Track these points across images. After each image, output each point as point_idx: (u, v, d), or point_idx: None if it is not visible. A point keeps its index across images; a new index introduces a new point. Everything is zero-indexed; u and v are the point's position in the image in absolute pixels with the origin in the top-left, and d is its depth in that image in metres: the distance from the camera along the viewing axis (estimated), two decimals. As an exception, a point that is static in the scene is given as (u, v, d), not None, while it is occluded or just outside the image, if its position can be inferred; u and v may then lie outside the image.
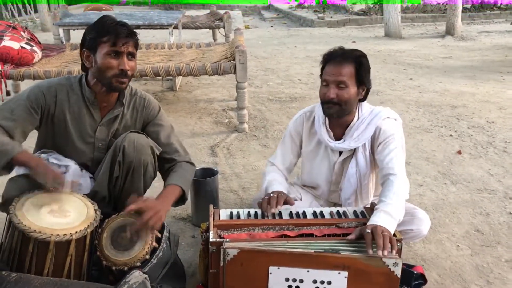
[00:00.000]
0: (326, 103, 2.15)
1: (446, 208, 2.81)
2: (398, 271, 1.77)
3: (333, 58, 2.16)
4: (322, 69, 2.23)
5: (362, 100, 2.24)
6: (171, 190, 2.08)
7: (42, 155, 2.10)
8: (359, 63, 2.14)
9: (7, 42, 4.02)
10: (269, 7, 14.00)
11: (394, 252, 1.76)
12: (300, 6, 12.78)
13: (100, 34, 1.99)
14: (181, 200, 2.18)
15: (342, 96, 2.12)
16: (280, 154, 2.42)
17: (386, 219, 1.86)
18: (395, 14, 8.71)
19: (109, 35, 1.99)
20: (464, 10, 9.69)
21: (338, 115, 2.18)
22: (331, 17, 11.22)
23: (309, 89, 5.39)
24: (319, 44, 8.27)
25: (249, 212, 2.07)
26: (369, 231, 1.77)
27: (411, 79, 5.78)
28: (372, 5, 11.02)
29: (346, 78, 2.11)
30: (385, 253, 1.74)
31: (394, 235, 1.83)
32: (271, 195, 2.10)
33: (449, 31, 8.63)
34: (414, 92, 5.23)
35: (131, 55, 2.05)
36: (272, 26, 11.21)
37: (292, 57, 7.21)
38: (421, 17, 10.78)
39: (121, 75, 2.03)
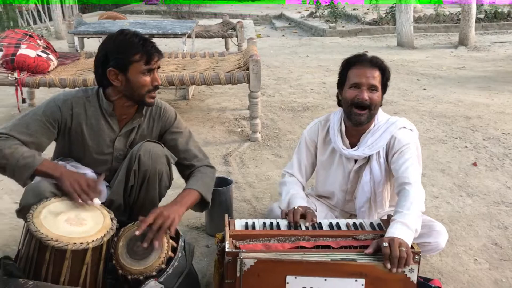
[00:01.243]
0: (356, 106, 2.13)
1: (462, 221, 2.78)
2: (414, 277, 1.77)
3: (362, 61, 2.16)
4: (343, 73, 2.21)
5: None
6: (185, 193, 2.08)
7: (60, 162, 2.11)
8: (383, 69, 2.17)
9: (24, 50, 4.07)
10: (281, 16, 14.04)
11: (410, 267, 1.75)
12: (311, 15, 12.81)
13: (130, 54, 1.98)
14: (204, 204, 2.17)
15: (373, 99, 2.13)
16: (296, 163, 2.41)
17: (403, 230, 1.84)
18: (407, 24, 8.68)
19: (141, 54, 1.98)
20: (478, 20, 9.62)
21: (368, 121, 2.17)
22: (343, 26, 11.22)
23: (321, 99, 5.38)
24: (331, 53, 8.27)
25: (264, 223, 2.06)
26: (387, 244, 1.76)
27: (424, 89, 5.75)
28: (384, 15, 11.01)
29: (377, 82, 2.13)
30: (399, 270, 1.73)
31: (412, 247, 1.81)
32: (301, 209, 2.08)
33: (462, 42, 8.59)
34: (427, 102, 5.20)
35: (158, 68, 2.08)
36: (283, 36, 11.24)
37: (304, 66, 7.21)
38: (434, 27, 10.74)
39: (154, 90, 2.07)
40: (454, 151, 3.83)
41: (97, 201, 1.93)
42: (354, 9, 12.92)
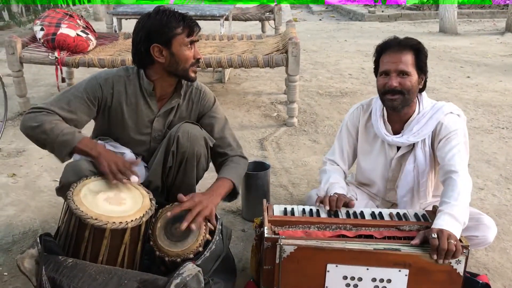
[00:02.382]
0: (388, 93, 2.05)
1: (510, 215, 2.65)
2: (460, 269, 1.69)
3: (390, 47, 2.07)
4: (376, 61, 2.14)
5: (422, 90, 2.13)
6: (221, 183, 2.05)
7: (99, 141, 2.10)
8: (417, 49, 2.05)
9: (64, 29, 4.10)
10: (318, 0, 13.80)
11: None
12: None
13: (172, 28, 1.96)
14: (233, 195, 2.14)
15: (405, 84, 2.03)
16: (338, 149, 2.34)
17: (451, 222, 1.75)
18: (451, 9, 8.35)
19: (183, 27, 1.97)
20: (526, 6, 9.17)
21: (403, 105, 2.07)
22: (382, 11, 10.91)
23: (360, 84, 5.24)
24: (370, 38, 8.06)
25: (304, 209, 2.01)
26: (435, 236, 1.67)
27: (468, 77, 5.52)
28: (425, 0, 10.65)
29: (407, 66, 2.02)
30: (446, 262, 1.65)
31: (460, 240, 1.72)
32: (332, 195, 2.03)
33: (510, 28, 8.20)
34: (472, 90, 4.99)
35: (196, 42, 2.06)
36: (320, 20, 11.03)
37: (342, 51, 7.05)
38: (478, 13, 10.31)
39: (196, 64, 2.06)
40: (500, 142, 3.66)
41: (134, 178, 1.91)
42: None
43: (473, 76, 5.55)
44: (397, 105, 2.06)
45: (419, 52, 2.05)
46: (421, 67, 2.06)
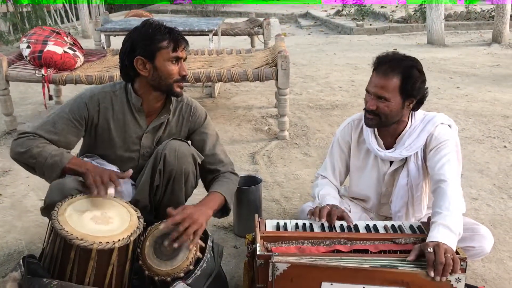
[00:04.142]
0: (367, 112, 2.05)
1: (505, 224, 2.62)
2: (461, 287, 1.62)
3: (380, 66, 2.01)
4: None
5: (415, 109, 2.09)
6: (212, 197, 2.00)
7: (85, 159, 2.05)
8: (407, 74, 1.97)
9: (51, 46, 4.05)
10: (306, 15, 13.86)
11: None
12: (338, 13, 12.62)
13: (157, 41, 1.93)
14: (224, 211, 2.09)
15: (381, 109, 2.01)
16: (330, 166, 2.30)
17: (446, 234, 1.71)
18: (438, 21, 8.43)
19: (168, 41, 1.94)
20: None
21: (378, 126, 2.08)
22: (370, 24, 11.00)
23: (350, 97, 5.23)
24: (359, 51, 8.09)
25: (297, 224, 1.96)
26: (431, 250, 1.63)
27: (458, 87, 5.54)
28: (412, 13, 10.75)
29: (387, 93, 1.97)
30: (443, 279, 1.60)
31: (457, 253, 1.68)
32: (328, 208, 1.99)
33: (496, 39, 8.29)
34: (462, 101, 5.00)
35: (184, 60, 2.02)
36: (309, 34, 11.09)
37: (332, 64, 7.06)
38: (465, 25, 10.42)
39: (181, 80, 2.01)
40: (492, 151, 3.65)
41: (110, 190, 1.84)
42: (382, 7, 12.67)
43: (462, 87, 5.57)
44: (372, 125, 2.08)
45: (408, 77, 1.97)
46: (407, 92, 1.98)
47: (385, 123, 2.05)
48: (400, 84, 1.97)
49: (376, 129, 2.15)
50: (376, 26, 10.71)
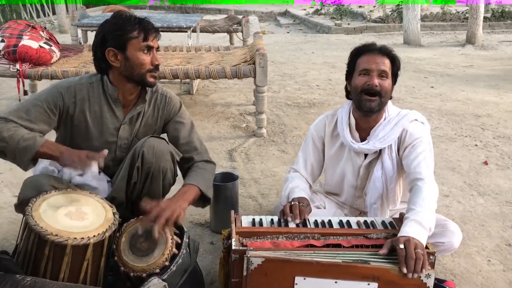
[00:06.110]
0: (366, 93, 2.05)
1: (474, 221, 2.70)
2: (430, 283, 1.68)
3: (372, 49, 2.10)
4: (352, 62, 2.15)
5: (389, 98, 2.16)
6: (186, 189, 1.99)
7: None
8: (393, 60, 2.11)
9: (26, 41, 3.99)
10: (285, 13, 13.92)
11: (425, 271, 1.67)
12: (317, 12, 12.71)
13: (127, 31, 1.93)
14: (205, 200, 2.09)
15: (383, 86, 2.05)
16: (302, 160, 2.33)
17: (417, 229, 1.76)
18: (414, 22, 8.58)
19: (139, 30, 1.94)
20: (485, 19, 9.47)
21: (379, 108, 2.09)
22: (348, 24, 11.11)
23: (327, 95, 5.29)
24: (337, 50, 8.18)
25: (272, 220, 1.99)
26: (402, 246, 1.67)
27: (432, 87, 5.66)
28: (390, 13, 10.90)
29: (387, 69, 2.07)
30: (415, 276, 1.64)
31: (427, 247, 1.73)
32: (293, 203, 2.01)
33: (470, 40, 8.47)
34: (436, 100, 5.11)
35: (157, 50, 2.02)
36: (288, 32, 11.14)
37: (310, 63, 7.12)
38: (440, 26, 10.62)
39: (154, 70, 2.01)
40: (464, 150, 3.75)
41: (94, 168, 1.84)
42: (360, 7, 12.80)
43: (436, 86, 5.69)
44: (374, 107, 2.07)
45: (394, 60, 2.11)
46: (395, 75, 2.13)
47: (383, 104, 2.09)
48: (391, 65, 2.09)
49: (353, 122, 2.18)
50: (354, 26, 10.83)
